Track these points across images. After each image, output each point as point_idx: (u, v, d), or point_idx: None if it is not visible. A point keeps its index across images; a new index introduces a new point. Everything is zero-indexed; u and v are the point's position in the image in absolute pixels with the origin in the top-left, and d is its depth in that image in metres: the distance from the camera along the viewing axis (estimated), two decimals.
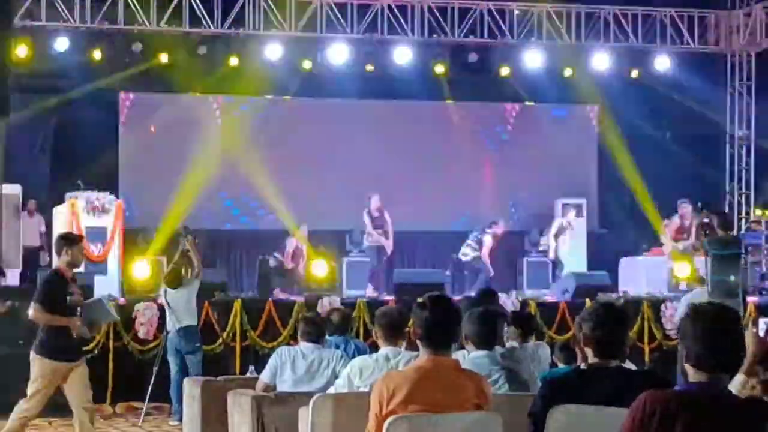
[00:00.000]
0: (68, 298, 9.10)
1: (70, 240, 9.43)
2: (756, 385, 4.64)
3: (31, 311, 9.16)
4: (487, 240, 18.13)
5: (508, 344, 8.31)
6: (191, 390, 9.58)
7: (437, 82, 19.44)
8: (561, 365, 8.11)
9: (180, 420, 12.09)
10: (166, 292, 12.51)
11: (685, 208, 17.44)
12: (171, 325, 12.45)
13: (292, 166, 19.54)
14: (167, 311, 12.48)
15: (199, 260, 12.87)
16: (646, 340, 14.90)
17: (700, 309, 3.77)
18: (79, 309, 9.23)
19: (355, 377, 6.69)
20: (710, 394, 3.63)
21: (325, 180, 19.39)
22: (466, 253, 18.06)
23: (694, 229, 17.09)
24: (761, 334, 4.80)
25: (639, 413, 3.62)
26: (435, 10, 18.66)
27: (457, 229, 19.91)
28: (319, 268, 16.74)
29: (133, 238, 16.97)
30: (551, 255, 18.21)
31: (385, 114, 20.23)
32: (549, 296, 15.92)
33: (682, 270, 16.38)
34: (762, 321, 4.66)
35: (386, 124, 20.13)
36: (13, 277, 15.10)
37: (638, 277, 17.35)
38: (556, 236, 18.25)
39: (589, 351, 4.70)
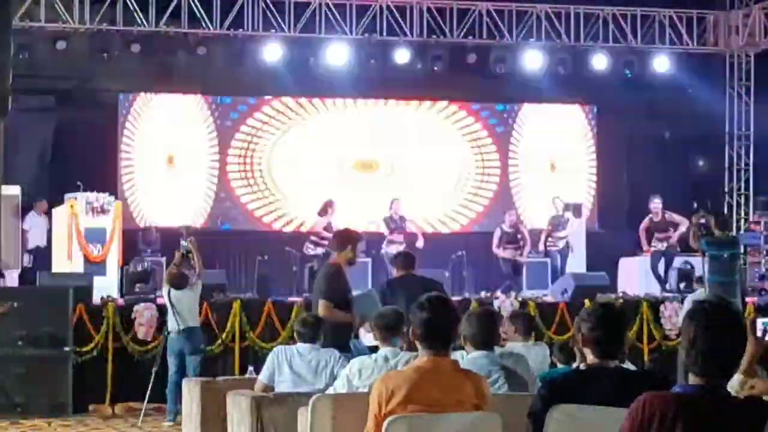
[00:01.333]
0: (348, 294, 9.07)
1: (356, 237, 9.50)
2: (755, 385, 4.65)
3: (321, 308, 8.98)
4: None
5: (507, 344, 8.32)
6: (191, 391, 9.59)
7: (436, 82, 19.44)
8: (560, 365, 8.12)
9: (173, 420, 12.10)
10: (170, 292, 12.48)
11: (655, 205, 17.29)
12: (173, 325, 12.42)
13: (291, 166, 19.56)
14: (170, 312, 12.45)
15: (200, 261, 12.87)
16: (645, 340, 14.89)
17: (698, 310, 3.77)
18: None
19: (354, 378, 6.70)
20: (709, 395, 3.63)
21: (325, 180, 19.39)
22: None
23: (673, 228, 17.09)
24: (759, 334, 4.79)
25: (638, 416, 3.61)
26: (434, 11, 18.67)
27: (456, 230, 19.93)
28: None
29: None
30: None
31: (384, 114, 20.24)
32: (548, 297, 15.91)
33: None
34: (760, 321, 4.66)
35: (385, 124, 20.13)
36: (12, 278, 15.11)
37: (637, 277, 17.35)
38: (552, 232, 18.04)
39: (588, 351, 4.71)
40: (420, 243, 17.29)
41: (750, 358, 4.50)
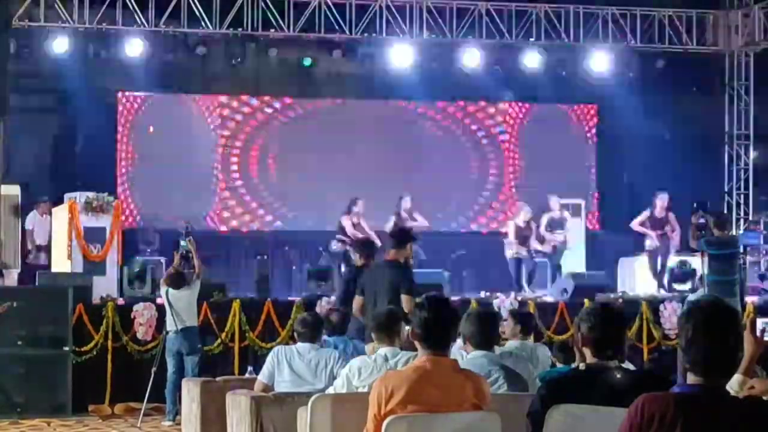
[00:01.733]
0: None
1: (414, 235, 10.18)
2: (754, 385, 4.64)
3: (408, 303, 9.01)
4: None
5: (507, 343, 8.33)
6: (190, 390, 9.59)
7: (435, 82, 19.43)
8: (560, 365, 8.12)
9: (173, 420, 12.11)
10: (167, 292, 12.50)
11: (661, 200, 17.26)
12: (171, 325, 12.44)
13: (290, 166, 19.55)
14: (168, 312, 12.46)
15: (199, 261, 12.87)
16: (644, 340, 14.89)
17: (695, 309, 3.76)
18: None
19: (353, 377, 6.70)
20: (709, 395, 3.62)
21: (324, 180, 19.38)
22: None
23: (672, 225, 17.07)
24: (758, 334, 4.78)
25: (637, 417, 3.60)
26: (433, 10, 18.66)
27: (456, 230, 19.92)
28: None
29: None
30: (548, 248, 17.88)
31: (383, 114, 20.23)
32: (548, 296, 15.92)
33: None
34: (760, 321, 4.65)
35: (385, 124, 20.13)
36: (11, 278, 15.09)
37: (637, 277, 17.35)
38: (548, 230, 17.99)
39: (587, 351, 4.71)
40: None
41: (749, 358, 4.49)
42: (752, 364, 4.59)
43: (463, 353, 6.61)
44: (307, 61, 18.76)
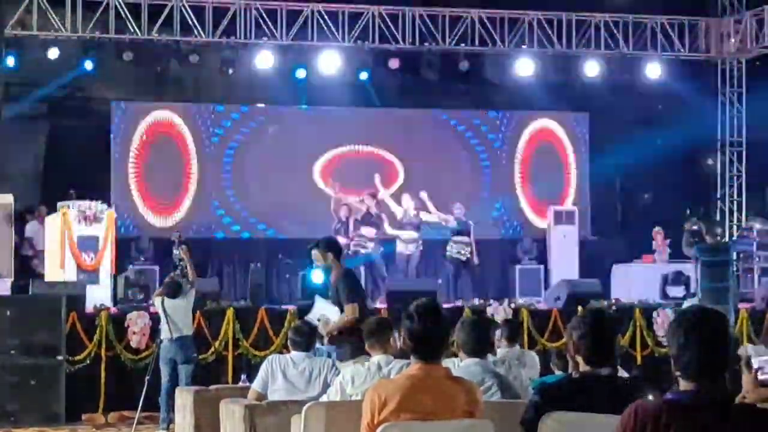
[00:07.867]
0: None
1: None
2: (746, 395, 4.63)
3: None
4: None
5: (499, 351, 8.34)
6: (184, 399, 9.57)
7: (428, 89, 19.46)
8: (558, 372, 8.13)
9: (166, 429, 12.09)
10: (163, 301, 12.47)
11: None
12: (166, 333, 12.42)
13: (284, 174, 19.53)
14: (163, 320, 12.44)
15: (193, 269, 12.85)
16: (638, 347, 14.89)
17: (684, 316, 3.77)
18: None
19: (347, 385, 6.70)
20: (701, 402, 3.63)
21: (319, 188, 19.38)
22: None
23: None
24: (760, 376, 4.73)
25: (630, 423, 3.61)
26: (426, 18, 18.70)
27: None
28: None
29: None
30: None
31: (376, 122, 20.24)
32: (541, 304, 15.92)
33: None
34: (755, 360, 4.59)
35: (378, 132, 20.13)
36: (4, 287, 15.05)
37: (630, 284, 17.36)
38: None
39: (579, 359, 4.71)
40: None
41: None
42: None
43: (456, 361, 6.62)
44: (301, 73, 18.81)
